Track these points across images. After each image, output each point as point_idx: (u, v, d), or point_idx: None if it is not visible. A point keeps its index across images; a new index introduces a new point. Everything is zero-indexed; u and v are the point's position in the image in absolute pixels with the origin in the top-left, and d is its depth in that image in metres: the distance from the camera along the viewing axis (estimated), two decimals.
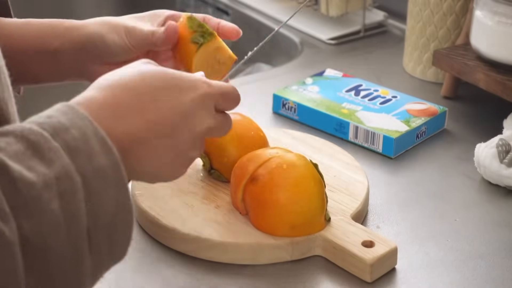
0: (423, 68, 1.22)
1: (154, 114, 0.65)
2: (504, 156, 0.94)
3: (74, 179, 0.57)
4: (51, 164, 0.56)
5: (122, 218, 0.60)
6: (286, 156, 0.83)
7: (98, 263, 0.60)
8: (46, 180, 0.55)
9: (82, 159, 0.58)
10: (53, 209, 0.55)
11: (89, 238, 0.58)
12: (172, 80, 0.67)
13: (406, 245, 0.85)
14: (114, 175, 0.59)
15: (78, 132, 0.59)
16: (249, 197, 0.83)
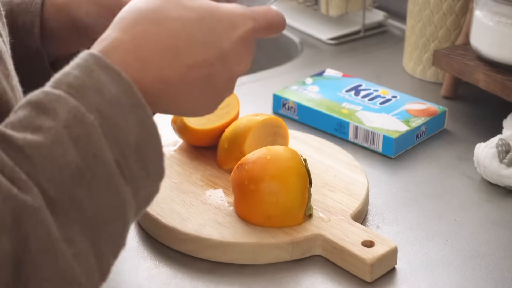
0: (423, 68, 1.22)
1: (189, 58, 0.60)
2: (504, 156, 0.94)
3: (86, 119, 0.55)
4: (56, 115, 0.55)
5: (147, 137, 0.58)
6: (274, 148, 0.84)
7: (138, 190, 0.58)
8: (54, 133, 0.54)
9: (90, 95, 0.56)
10: (71, 160, 0.54)
11: (120, 170, 0.56)
12: (212, 18, 0.62)
13: (406, 245, 0.85)
14: (129, 100, 0.57)
15: (80, 70, 0.57)
16: (233, 183, 0.84)
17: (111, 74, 0.57)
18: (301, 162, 0.83)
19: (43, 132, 0.54)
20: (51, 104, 0.55)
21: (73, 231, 0.54)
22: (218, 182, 0.90)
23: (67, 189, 0.54)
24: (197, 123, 0.94)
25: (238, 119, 0.95)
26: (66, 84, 0.56)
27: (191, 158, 0.95)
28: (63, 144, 0.54)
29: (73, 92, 0.56)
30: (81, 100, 0.55)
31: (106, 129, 0.56)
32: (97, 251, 0.56)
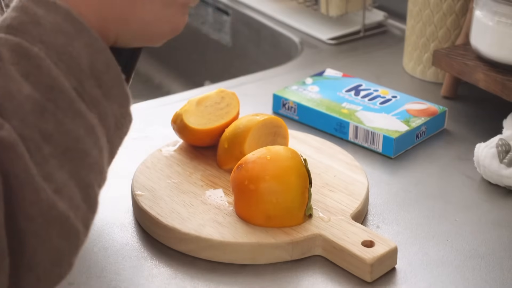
0: (423, 68, 1.22)
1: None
2: (503, 156, 0.94)
3: (31, 52, 0.55)
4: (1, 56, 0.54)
5: (100, 60, 0.57)
6: (274, 148, 0.84)
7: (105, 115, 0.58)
8: (3, 73, 0.54)
9: (30, 29, 0.56)
10: (28, 94, 0.54)
11: (80, 96, 0.56)
12: None
13: (406, 245, 0.85)
14: (71, 26, 0.57)
15: (15, 11, 0.57)
16: (233, 183, 0.84)
17: (46, 5, 0.57)
18: (301, 162, 0.83)
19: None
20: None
21: (50, 167, 0.54)
22: (218, 182, 0.90)
23: (33, 124, 0.54)
24: (197, 123, 0.94)
25: (238, 119, 0.95)
26: (5, 27, 0.56)
27: (191, 158, 0.95)
28: (15, 80, 0.54)
29: (13, 32, 0.56)
30: (23, 36, 0.55)
31: (54, 58, 0.55)
32: (78, 182, 0.55)
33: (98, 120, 0.57)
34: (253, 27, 1.46)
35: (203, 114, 0.95)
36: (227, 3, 1.53)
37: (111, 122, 0.59)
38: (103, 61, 0.58)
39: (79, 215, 0.56)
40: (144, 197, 0.87)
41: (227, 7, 1.53)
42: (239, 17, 1.50)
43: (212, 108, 0.95)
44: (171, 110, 0.98)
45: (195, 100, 0.96)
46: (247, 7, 1.49)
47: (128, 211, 0.89)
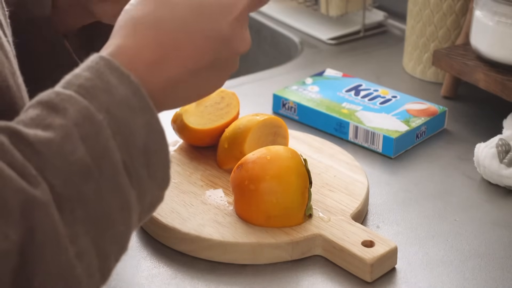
0: (423, 68, 1.22)
1: (191, 51, 0.62)
2: (504, 156, 0.94)
3: (95, 118, 0.56)
4: (66, 113, 0.55)
5: (155, 141, 0.59)
6: (274, 148, 0.84)
7: (144, 194, 0.58)
8: (64, 131, 0.55)
9: (100, 96, 0.57)
10: (80, 157, 0.55)
11: (127, 171, 0.57)
12: (204, 7, 0.63)
13: (406, 245, 0.85)
14: (137, 101, 0.58)
15: (90, 72, 0.58)
16: (233, 183, 0.84)
17: (121, 76, 0.58)
18: (301, 162, 0.83)
19: (54, 129, 0.55)
20: (62, 104, 0.56)
21: (77, 230, 0.55)
22: (218, 182, 0.90)
23: (74, 186, 0.55)
24: (197, 123, 0.94)
25: (238, 119, 0.95)
26: (77, 85, 0.57)
27: (191, 158, 0.95)
28: (72, 141, 0.55)
29: (83, 93, 0.57)
30: (91, 100, 0.56)
31: (114, 129, 0.56)
32: (99, 252, 0.56)
33: (136, 197, 0.58)
34: (253, 27, 1.46)
35: (203, 114, 0.95)
36: None
37: (147, 202, 0.60)
38: (157, 143, 0.59)
39: (91, 283, 0.57)
40: None
41: None
42: None
43: (212, 108, 0.95)
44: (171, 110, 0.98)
45: None
46: None
47: None
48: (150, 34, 0.61)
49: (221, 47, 0.63)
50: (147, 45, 0.61)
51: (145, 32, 0.61)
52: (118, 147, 0.56)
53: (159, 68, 0.61)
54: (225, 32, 0.63)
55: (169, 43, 0.61)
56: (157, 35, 0.61)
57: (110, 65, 0.58)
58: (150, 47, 0.61)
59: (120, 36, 0.62)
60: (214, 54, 0.63)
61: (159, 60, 0.61)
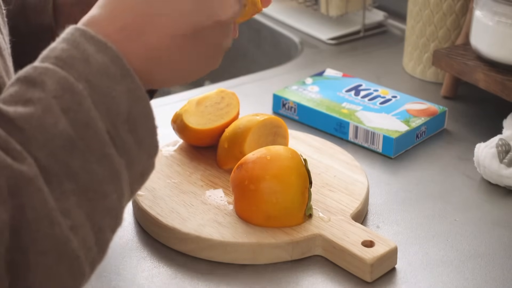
0: (423, 68, 1.22)
1: (167, 15, 0.60)
2: (504, 156, 0.94)
3: (75, 89, 0.55)
4: (44, 86, 0.55)
5: (138, 107, 0.58)
6: (274, 148, 0.84)
7: (132, 162, 0.58)
8: (44, 104, 0.54)
9: (78, 65, 0.56)
10: (62, 129, 0.54)
11: (112, 140, 0.56)
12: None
13: (406, 245, 0.85)
14: (117, 69, 0.57)
15: (66, 43, 0.57)
16: (233, 183, 0.84)
17: (97, 44, 0.57)
18: (301, 162, 0.83)
19: (33, 103, 0.54)
20: (39, 77, 0.55)
21: (69, 203, 0.54)
22: (218, 182, 0.90)
23: (60, 159, 0.54)
24: (197, 123, 0.94)
25: (238, 119, 0.95)
26: (54, 57, 0.56)
27: (191, 158, 0.95)
28: (53, 114, 0.54)
29: (61, 64, 0.56)
30: (69, 70, 0.56)
31: (95, 98, 0.56)
32: (94, 224, 0.56)
33: (125, 166, 0.57)
34: (253, 27, 1.46)
35: (203, 114, 0.95)
36: None
37: (137, 170, 0.59)
38: (141, 109, 0.58)
39: (89, 257, 0.56)
40: (144, 197, 0.87)
41: None
42: None
43: (212, 108, 0.95)
44: (171, 110, 0.98)
45: (195, 100, 0.96)
46: None
47: (128, 211, 0.89)
48: (127, 2, 0.60)
49: (198, 11, 0.60)
50: (121, 12, 0.60)
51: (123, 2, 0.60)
52: (100, 116, 0.56)
53: (136, 35, 0.59)
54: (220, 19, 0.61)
55: (144, 9, 0.60)
56: (134, 3, 0.60)
57: (86, 34, 0.57)
58: (124, 14, 0.60)
59: (95, 6, 0.61)
60: (192, 18, 0.60)
61: (135, 27, 0.59)
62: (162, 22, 0.60)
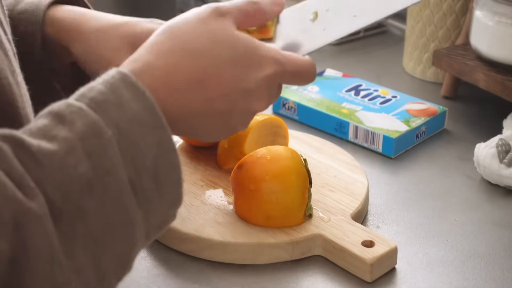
0: (423, 68, 1.22)
1: (215, 91, 0.62)
2: (504, 156, 0.94)
3: (104, 134, 0.55)
4: (73, 126, 0.55)
5: (166, 158, 0.58)
6: (274, 148, 0.84)
7: (151, 213, 0.57)
8: (68, 144, 0.54)
9: (111, 110, 0.56)
10: (83, 172, 0.54)
11: (134, 189, 0.56)
12: (244, 55, 0.63)
13: (406, 245, 0.85)
14: (150, 119, 0.57)
15: (105, 85, 0.57)
16: (233, 183, 0.84)
17: (135, 92, 0.57)
18: (301, 162, 0.83)
19: (58, 141, 0.54)
20: (70, 116, 0.55)
21: (75, 245, 0.54)
22: (218, 182, 0.90)
23: (75, 201, 0.53)
24: None
25: None
26: (89, 98, 0.56)
27: (191, 158, 0.95)
28: (76, 155, 0.54)
29: (94, 106, 0.56)
30: (102, 114, 0.56)
31: (122, 146, 0.56)
32: (98, 269, 0.55)
33: (143, 216, 0.57)
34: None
35: None
36: None
37: (156, 221, 0.59)
38: (168, 161, 0.58)
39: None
40: None
41: None
42: None
43: None
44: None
45: None
46: None
47: None
48: (183, 61, 0.61)
49: (240, 97, 0.64)
50: (176, 71, 0.61)
51: (180, 58, 0.61)
52: (124, 164, 0.55)
53: (180, 96, 0.61)
54: (250, 86, 0.64)
55: (198, 76, 0.62)
56: (189, 65, 0.61)
57: (126, 80, 0.57)
58: (177, 74, 0.61)
59: (152, 51, 0.61)
60: (232, 101, 0.63)
61: (183, 89, 0.61)
62: (208, 93, 0.62)
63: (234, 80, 0.63)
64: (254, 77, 0.64)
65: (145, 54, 0.61)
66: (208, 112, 0.63)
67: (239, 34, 0.64)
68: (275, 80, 0.66)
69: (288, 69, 0.66)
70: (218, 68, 0.62)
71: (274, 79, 0.65)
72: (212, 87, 0.62)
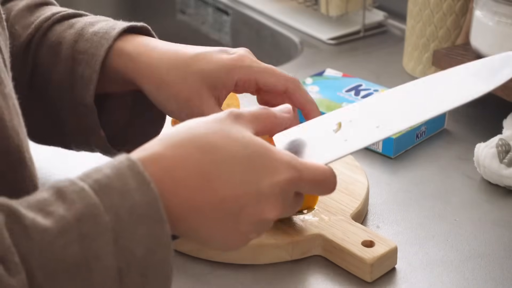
0: (423, 68, 1.22)
1: (223, 191, 0.59)
2: (504, 156, 0.94)
3: (101, 219, 0.54)
4: (71, 205, 0.53)
5: (158, 253, 0.56)
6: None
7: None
8: (64, 223, 0.53)
9: (113, 196, 0.54)
10: (71, 254, 0.52)
11: (121, 279, 0.54)
12: (257, 158, 0.60)
13: (406, 245, 0.85)
14: (150, 211, 0.55)
15: (111, 170, 0.56)
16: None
17: (141, 182, 0.56)
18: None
19: (54, 218, 0.53)
20: (71, 194, 0.54)
21: None
22: None
23: (59, 282, 0.52)
24: None
25: None
26: (93, 179, 0.55)
27: None
28: (68, 236, 0.53)
29: (97, 189, 0.55)
30: (103, 198, 0.54)
31: (118, 234, 0.54)
32: None
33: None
34: (253, 27, 1.46)
35: None
36: (227, 3, 1.53)
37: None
38: (160, 257, 0.56)
39: None
40: None
41: (227, 7, 1.53)
42: (239, 17, 1.50)
43: None
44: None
45: None
46: (247, 7, 1.49)
47: None
48: (193, 154, 0.59)
49: (251, 202, 0.59)
50: (184, 165, 0.58)
51: (189, 150, 0.59)
52: (116, 252, 0.54)
53: (186, 191, 0.58)
54: (262, 190, 0.59)
55: (207, 173, 0.58)
56: (199, 159, 0.59)
57: (134, 168, 0.56)
58: (186, 168, 0.58)
59: (162, 143, 0.59)
60: (241, 205, 0.59)
61: (190, 184, 0.58)
62: (216, 193, 0.58)
63: (245, 181, 0.59)
64: (268, 181, 0.59)
65: (155, 144, 0.59)
66: (215, 214, 0.59)
67: (254, 136, 0.62)
68: (291, 187, 0.61)
69: (306, 177, 0.62)
70: (229, 166, 0.59)
71: (290, 186, 0.61)
72: (221, 186, 0.58)
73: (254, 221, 0.60)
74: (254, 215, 0.60)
